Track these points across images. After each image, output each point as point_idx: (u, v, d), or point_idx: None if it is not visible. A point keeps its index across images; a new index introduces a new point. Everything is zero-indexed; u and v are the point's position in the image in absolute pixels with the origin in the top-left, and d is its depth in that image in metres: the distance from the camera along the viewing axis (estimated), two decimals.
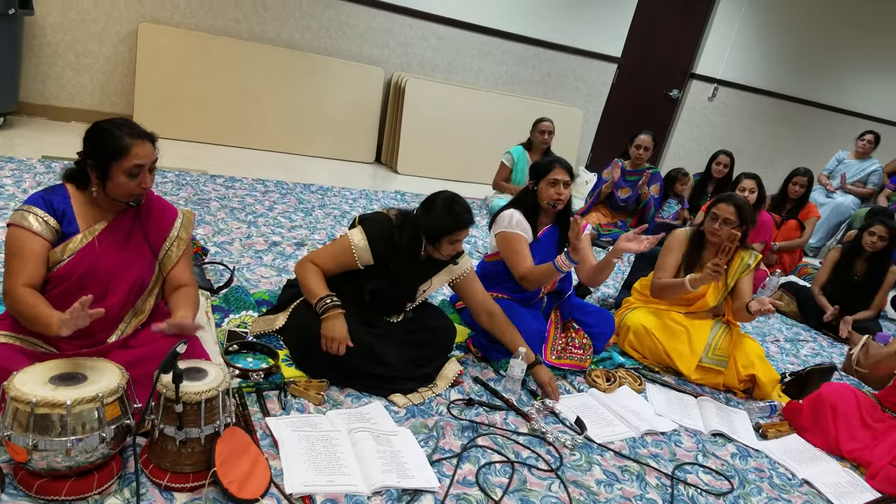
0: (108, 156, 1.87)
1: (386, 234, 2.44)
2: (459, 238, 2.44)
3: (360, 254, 2.42)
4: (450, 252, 2.48)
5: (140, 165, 1.90)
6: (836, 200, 6.59)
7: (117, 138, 1.87)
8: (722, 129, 8.15)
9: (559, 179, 2.87)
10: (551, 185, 2.88)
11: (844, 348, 4.08)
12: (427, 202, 2.46)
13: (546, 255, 2.96)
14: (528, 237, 2.91)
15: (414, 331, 2.55)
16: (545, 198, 2.90)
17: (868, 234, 4.16)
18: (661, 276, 3.18)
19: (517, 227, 2.89)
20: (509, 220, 2.90)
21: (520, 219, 2.91)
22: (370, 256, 2.42)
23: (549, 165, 2.90)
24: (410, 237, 2.43)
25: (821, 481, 2.48)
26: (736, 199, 3.05)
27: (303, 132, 5.84)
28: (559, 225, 3.01)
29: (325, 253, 2.47)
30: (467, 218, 2.42)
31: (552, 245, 3.00)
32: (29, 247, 1.87)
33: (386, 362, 2.38)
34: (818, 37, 8.08)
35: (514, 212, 2.93)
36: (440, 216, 2.40)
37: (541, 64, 6.81)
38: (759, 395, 3.04)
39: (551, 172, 2.87)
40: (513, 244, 2.87)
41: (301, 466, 1.88)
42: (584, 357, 2.91)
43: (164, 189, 4.07)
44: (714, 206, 3.09)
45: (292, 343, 2.48)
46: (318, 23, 5.74)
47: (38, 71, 4.97)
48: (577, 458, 2.29)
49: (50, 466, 1.56)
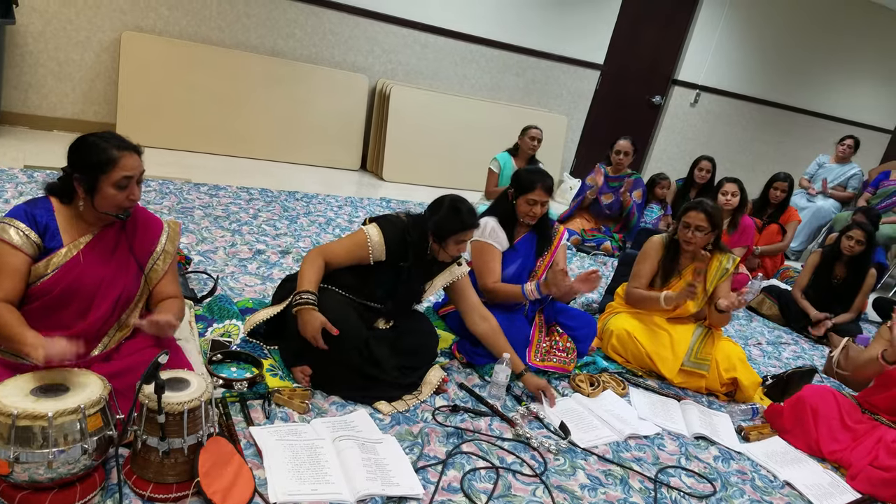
0: (97, 168, 1.86)
1: (400, 232, 2.51)
2: (465, 239, 2.54)
3: (374, 248, 2.46)
4: (455, 252, 2.57)
5: (129, 177, 1.89)
6: (816, 204, 6.67)
7: (105, 150, 1.86)
8: (704, 135, 8.24)
9: (537, 201, 2.90)
10: (529, 203, 2.90)
11: (826, 351, 4.13)
12: (434, 204, 2.56)
13: (523, 262, 2.99)
14: (501, 247, 2.93)
15: (400, 337, 2.56)
16: (520, 213, 2.95)
17: (846, 239, 4.22)
18: (636, 284, 3.22)
19: (490, 238, 2.91)
20: (483, 229, 2.91)
21: (494, 227, 2.93)
22: (384, 252, 2.48)
23: (531, 185, 2.88)
24: (420, 236, 2.52)
25: (802, 483, 2.51)
26: (705, 206, 3.07)
27: (287, 140, 5.84)
28: (536, 232, 3.03)
29: (340, 246, 2.50)
30: (473, 219, 2.54)
31: (530, 252, 3.03)
32: (8, 261, 1.85)
33: (378, 362, 2.40)
34: (798, 43, 8.20)
35: (489, 220, 2.94)
36: (447, 217, 2.49)
37: (525, 71, 6.86)
38: (741, 397, 3.08)
39: (532, 193, 2.88)
40: (483, 255, 2.91)
41: (285, 475, 1.88)
42: (568, 360, 2.93)
43: (148, 198, 4.05)
44: (684, 215, 3.11)
45: (291, 338, 2.42)
46: (303, 30, 5.75)
47: (19, 80, 4.94)
48: (561, 462, 2.30)
49: (32, 479, 1.56)
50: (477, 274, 2.93)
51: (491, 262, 2.91)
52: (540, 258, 3.07)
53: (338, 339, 2.28)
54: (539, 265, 3.06)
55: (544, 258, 3.06)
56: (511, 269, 2.96)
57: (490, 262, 2.91)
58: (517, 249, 3.00)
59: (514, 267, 2.97)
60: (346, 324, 2.31)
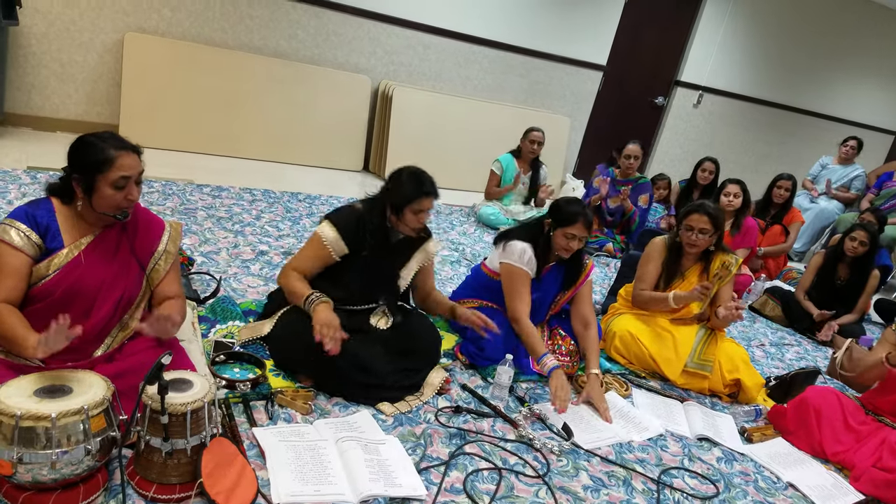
0: (94, 168, 1.86)
1: (353, 219, 2.49)
2: (422, 208, 2.47)
3: (332, 243, 2.46)
4: (414, 224, 2.49)
5: (126, 177, 1.89)
6: (819, 205, 6.66)
7: (102, 150, 1.87)
8: (707, 136, 8.23)
9: (577, 235, 2.77)
10: (567, 237, 2.78)
11: (829, 352, 4.12)
12: (391, 176, 2.53)
13: (546, 292, 2.94)
14: (532, 274, 2.85)
15: (401, 339, 2.54)
16: (556, 246, 2.84)
17: (849, 240, 4.21)
18: (642, 287, 3.22)
19: (527, 265, 2.81)
20: (521, 254, 2.80)
21: (531, 257, 2.82)
22: (343, 244, 2.47)
23: (572, 218, 2.76)
24: (379, 215, 2.49)
25: (805, 484, 2.50)
26: (707, 208, 3.08)
27: (290, 141, 5.84)
28: (565, 265, 2.94)
29: (302, 255, 2.52)
30: (430, 188, 2.47)
31: (553, 285, 2.95)
32: (9, 262, 1.85)
33: (369, 370, 2.37)
34: (801, 43, 8.19)
35: (527, 247, 2.82)
36: (404, 186, 2.46)
37: (527, 72, 6.86)
38: (744, 399, 3.07)
39: (572, 227, 2.76)
40: (515, 282, 2.81)
41: (288, 476, 1.88)
42: (571, 364, 2.93)
43: (151, 199, 4.06)
44: (686, 218, 3.11)
45: (278, 351, 2.48)
46: (305, 31, 5.76)
47: (23, 81, 4.95)
48: (564, 463, 2.30)
49: (35, 479, 1.56)
50: (506, 297, 2.84)
51: (523, 291, 2.79)
52: (562, 292, 2.98)
53: (330, 358, 2.27)
54: (560, 298, 2.99)
55: (566, 292, 2.98)
56: (532, 297, 2.86)
57: (523, 290, 2.79)
58: (542, 282, 2.91)
59: (535, 295, 2.87)
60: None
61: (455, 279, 3.90)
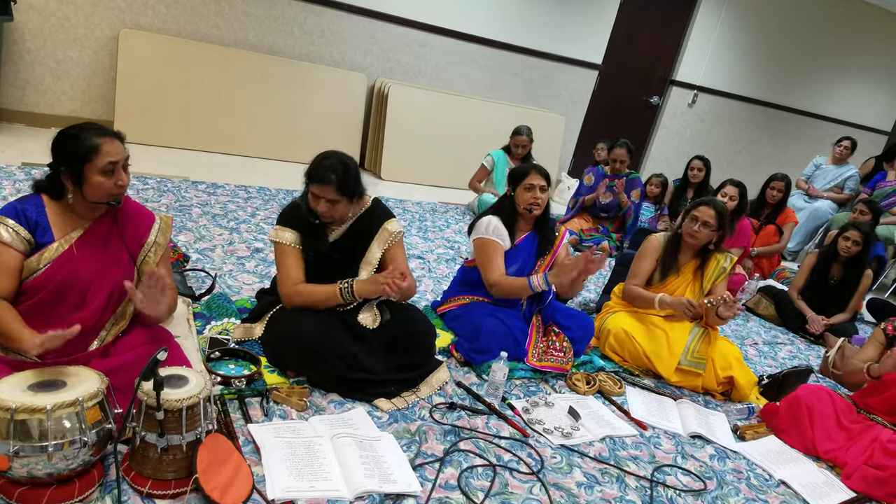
0: (81, 158, 1.86)
1: (298, 212, 2.48)
2: (320, 194, 2.36)
3: (292, 242, 2.47)
4: (318, 208, 2.39)
5: (113, 162, 1.89)
6: (813, 205, 6.69)
7: (86, 140, 1.87)
8: (702, 135, 8.26)
9: (535, 184, 2.94)
10: (527, 189, 2.94)
11: (821, 351, 4.15)
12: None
13: (524, 262, 3.00)
14: (504, 244, 2.95)
15: (394, 336, 2.53)
16: (522, 202, 2.96)
17: (843, 239, 4.23)
18: (634, 281, 3.28)
19: (493, 234, 2.94)
20: (486, 226, 2.95)
21: (497, 225, 2.95)
22: (299, 239, 2.47)
23: (524, 171, 2.97)
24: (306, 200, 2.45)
25: (797, 482, 2.52)
26: (717, 204, 3.16)
27: (285, 138, 5.84)
28: (538, 232, 3.04)
29: (284, 267, 2.49)
30: (327, 175, 2.33)
31: (530, 253, 3.04)
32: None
33: (368, 369, 2.39)
34: (795, 44, 8.22)
35: (491, 218, 2.98)
36: (308, 169, 2.41)
37: (523, 71, 6.87)
38: (737, 397, 3.09)
39: (527, 178, 2.95)
40: (486, 251, 2.93)
41: (283, 472, 1.88)
42: (566, 360, 2.94)
43: (146, 196, 4.05)
44: (694, 209, 3.18)
45: (271, 351, 2.48)
46: (301, 29, 5.75)
47: (17, 77, 4.93)
48: (558, 460, 2.31)
49: (31, 474, 1.56)
50: (481, 270, 2.95)
51: (494, 258, 2.92)
52: (540, 259, 3.08)
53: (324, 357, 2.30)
54: (539, 266, 3.07)
55: (545, 258, 3.08)
56: (512, 268, 2.97)
57: (494, 257, 2.92)
58: (518, 249, 3.01)
59: (514, 267, 2.98)
60: (328, 341, 2.34)
61: (451, 277, 3.90)
